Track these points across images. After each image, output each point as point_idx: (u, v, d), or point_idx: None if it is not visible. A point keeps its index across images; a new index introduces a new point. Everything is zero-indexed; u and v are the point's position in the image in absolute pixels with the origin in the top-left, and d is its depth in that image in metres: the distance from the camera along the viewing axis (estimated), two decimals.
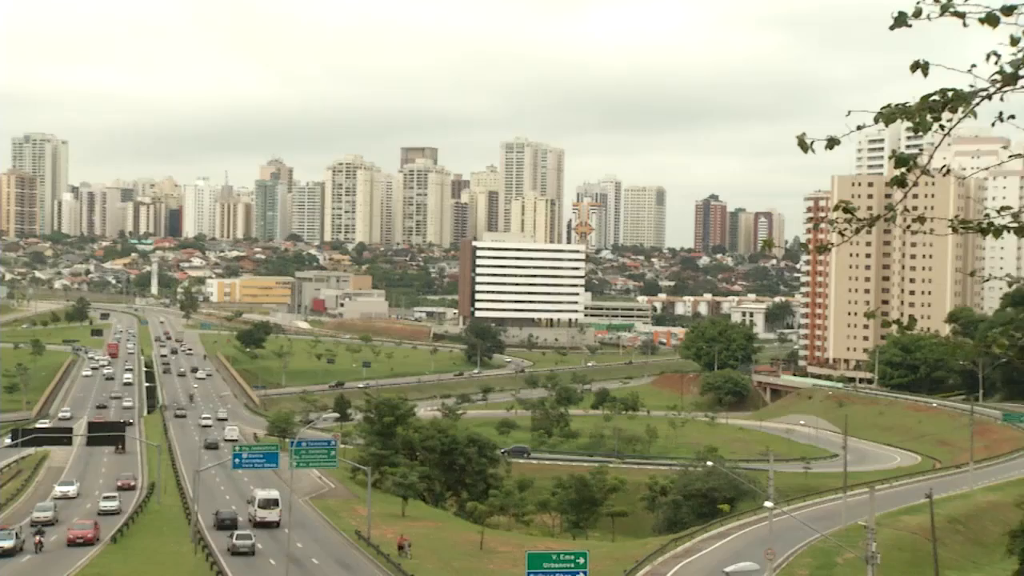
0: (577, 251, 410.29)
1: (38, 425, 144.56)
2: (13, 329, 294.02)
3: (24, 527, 77.45)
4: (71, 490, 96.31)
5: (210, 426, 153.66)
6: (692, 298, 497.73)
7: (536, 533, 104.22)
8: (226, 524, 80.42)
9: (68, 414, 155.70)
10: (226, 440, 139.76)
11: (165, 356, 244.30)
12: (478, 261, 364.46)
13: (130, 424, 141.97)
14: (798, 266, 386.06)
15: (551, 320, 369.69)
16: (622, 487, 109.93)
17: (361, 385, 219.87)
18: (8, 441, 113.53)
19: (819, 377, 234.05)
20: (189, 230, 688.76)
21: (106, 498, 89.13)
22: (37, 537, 72.64)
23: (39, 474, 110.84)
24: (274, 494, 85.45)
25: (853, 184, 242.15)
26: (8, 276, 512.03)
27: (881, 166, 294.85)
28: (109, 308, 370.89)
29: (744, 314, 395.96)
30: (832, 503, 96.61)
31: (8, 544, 71.64)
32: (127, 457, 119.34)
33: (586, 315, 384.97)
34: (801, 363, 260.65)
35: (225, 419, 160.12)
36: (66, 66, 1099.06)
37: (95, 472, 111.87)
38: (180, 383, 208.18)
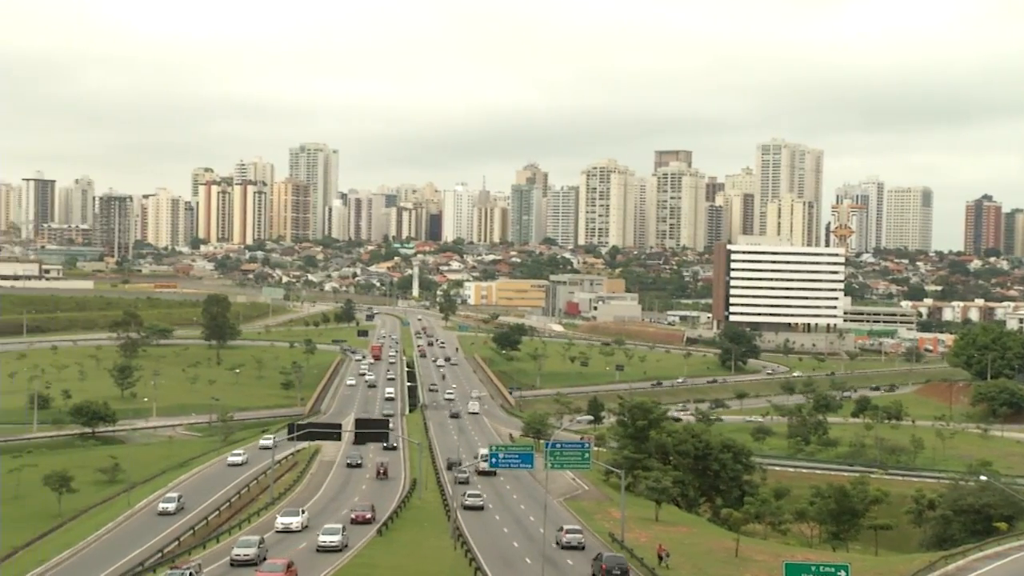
0: (836, 254, 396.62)
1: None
2: (288, 329, 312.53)
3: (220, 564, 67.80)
4: (294, 522, 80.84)
5: (453, 399, 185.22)
6: (962, 303, 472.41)
7: (793, 543, 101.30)
8: (452, 465, 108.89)
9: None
10: (469, 413, 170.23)
11: (421, 346, 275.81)
12: (733, 264, 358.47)
13: (392, 433, 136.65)
14: None
15: (808, 325, 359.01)
16: (885, 499, 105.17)
17: (521, 393, 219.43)
18: (273, 437, 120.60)
19: None
20: (448, 234, 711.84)
21: (327, 531, 74.19)
22: None
23: (312, 467, 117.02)
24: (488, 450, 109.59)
25: None
26: (284, 279, 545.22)
27: None
28: (373, 310, 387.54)
29: (1021, 321, 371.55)
30: None
31: None
32: (387, 484, 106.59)
33: (845, 320, 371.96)
34: None
35: (478, 397, 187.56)
36: (335, 79, 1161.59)
37: (347, 496, 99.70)
38: (433, 368, 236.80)
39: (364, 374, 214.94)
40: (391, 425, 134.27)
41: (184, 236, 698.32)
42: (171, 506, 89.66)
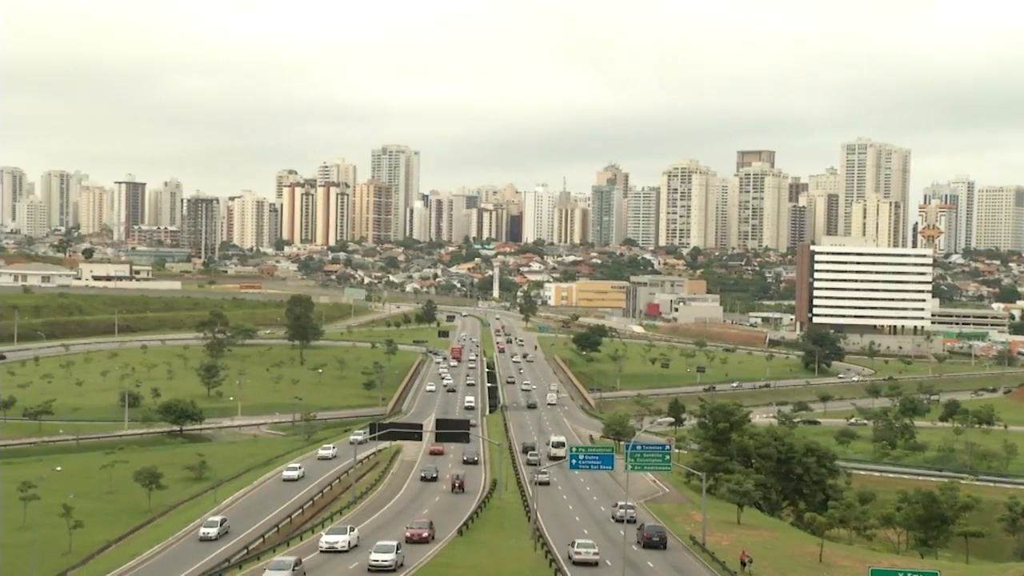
0: (924, 255, 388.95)
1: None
2: (370, 330, 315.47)
3: None
4: (340, 541, 72.42)
5: (530, 391, 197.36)
6: None
7: (879, 549, 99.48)
8: (526, 449, 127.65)
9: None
10: (548, 404, 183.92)
11: (500, 342, 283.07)
12: (816, 266, 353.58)
13: (473, 426, 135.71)
14: None
15: (894, 327, 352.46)
16: (976, 506, 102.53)
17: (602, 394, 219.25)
18: (358, 435, 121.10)
19: None
20: (528, 235, 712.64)
21: (379, 549, 67.26)
22: None
23: (393, 467, 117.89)
24: (562, 438, 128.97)
25: None
26: (366, 280, 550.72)
27: None
28: (454, 311, 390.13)
29: None
30: None
31: None
32: (462, 498, 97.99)
33: (933, 322, 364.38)
34: None
35: (556, 390, 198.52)
36: (417, 81, 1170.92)
37: (413, 511, 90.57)
38: (511, 363, 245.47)
39: (443, 378, 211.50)
40: (472, 426, 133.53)
41: (268, 237, 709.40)
42: (212, 531, 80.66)
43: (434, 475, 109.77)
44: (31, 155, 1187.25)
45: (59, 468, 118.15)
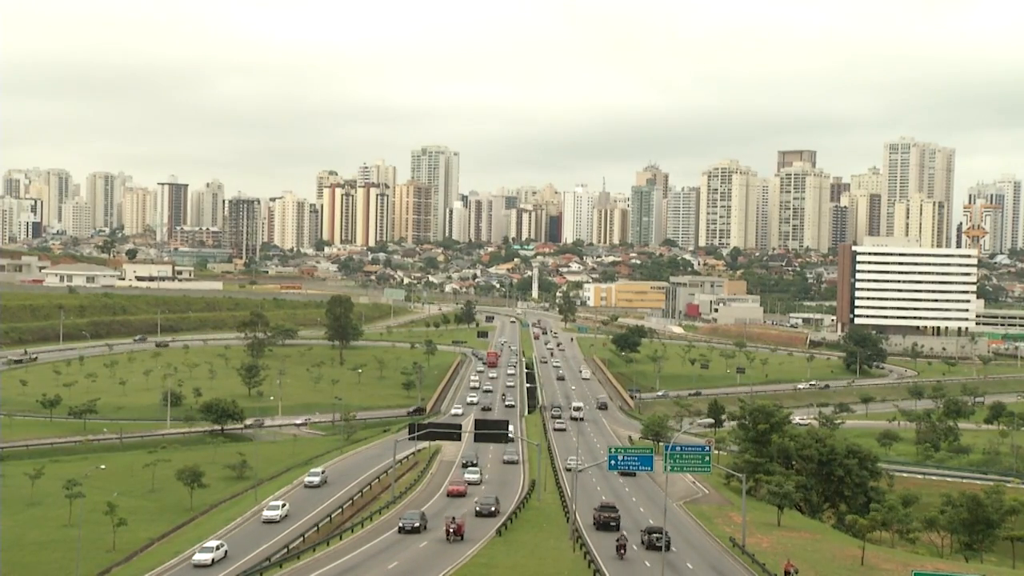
0: (968, 256, 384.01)
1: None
2: (409, 330, 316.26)
3: None
4: None
5: (559, 366, 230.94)
6: None
7: (923, 552, 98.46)
8: (552, 406, 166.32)
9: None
10: (583, 379, 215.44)
11: (536, 333, 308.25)
12: (858, 266, 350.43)
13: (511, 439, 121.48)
14: None
15: (938, 328, 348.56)
16: (1023, 509, 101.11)
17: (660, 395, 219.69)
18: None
19: None
20: (567, 235, 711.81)
21: None
22: None
23: (432, 467, 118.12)
24: (581, 404, 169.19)
25: None
26: (406, 280, 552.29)
27: None
28: (493, 311, 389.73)
29: None
30: None
31: None
32: (452, 550, 74.62)
33: (978, 323, 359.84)
34: None
35: (582, 371, 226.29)
36: (457, 82, 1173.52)
37: (371, 567, 69.34)
38: (545, 347, 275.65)
39: (475, 389, 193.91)
40: (511, 429, 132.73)
41: (309, 238, 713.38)
42: None
43: (416, 524, 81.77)
44: (76, 157, 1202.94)
45: (103, 466, 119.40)
